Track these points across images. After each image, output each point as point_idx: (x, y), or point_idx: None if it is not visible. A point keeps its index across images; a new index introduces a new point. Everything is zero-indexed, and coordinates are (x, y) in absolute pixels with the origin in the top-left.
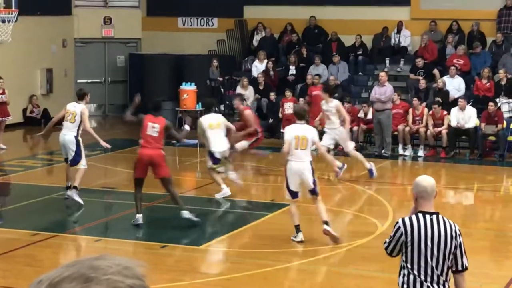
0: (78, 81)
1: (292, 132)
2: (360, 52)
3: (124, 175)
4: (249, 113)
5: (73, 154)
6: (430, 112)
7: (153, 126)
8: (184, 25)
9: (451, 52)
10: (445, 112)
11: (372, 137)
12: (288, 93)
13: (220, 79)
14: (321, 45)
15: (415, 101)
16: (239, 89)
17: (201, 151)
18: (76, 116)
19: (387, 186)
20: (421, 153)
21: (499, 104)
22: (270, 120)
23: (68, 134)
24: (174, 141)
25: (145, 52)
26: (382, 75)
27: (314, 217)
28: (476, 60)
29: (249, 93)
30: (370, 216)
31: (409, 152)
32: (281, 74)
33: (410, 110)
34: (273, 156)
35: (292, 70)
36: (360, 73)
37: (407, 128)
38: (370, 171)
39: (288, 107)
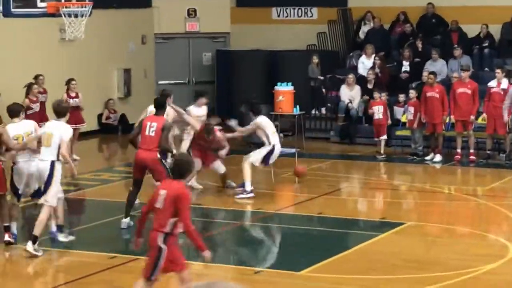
0: (160, 82)
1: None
2: (486, 44)
3: (211, 190)
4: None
5: None
6: None
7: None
8: (279, 16)
9: None
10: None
11: (501, 144)
12: (376, 95)
13: (321, 78)
14: (440, 37)
15: None
16: (343, 88)
17: (300, 161)
18: None
19: None
20: None
21: None
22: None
23: None
24: None
25: (235, 49)
26: None
27: (431, 238)
28: None
29: (355, 93)
30: (499, 237)
31: None
32: (392, 71)
33: None
34: (386, 169)
35: (406, 66)
36: (486, 69)
37: None
38: None
39: (378, 111)
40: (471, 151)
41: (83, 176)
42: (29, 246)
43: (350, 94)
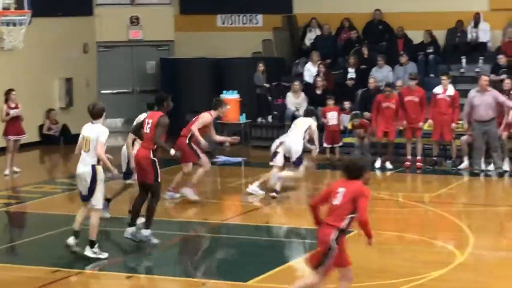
0: (102, 91)
1: (82, 131)
2: (431, 50)
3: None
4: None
5: None
6: None
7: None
8: (223, 24)
9: None
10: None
11: (447, 150)
12: (330, 102)
13: (267, 85)
14: (385, 43)
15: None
16: (289, 96)
17: (246, 170)
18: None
19: (468, 208)
20: (506, 167)
21: None
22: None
23: None
24: (216, 159)
25: (179, 57)
26: (485, 79)
27: (380, 245)
28: None
29: (301, 100)
30: (447, 244)
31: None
32: (338, 78)
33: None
34: (334, 177)
35: (352, 73)
36: (431, 75)
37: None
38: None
39: (331, 117)
40: (418, 157)
41: (24, 189)
42: (88, 251)
43: (296, 102)
